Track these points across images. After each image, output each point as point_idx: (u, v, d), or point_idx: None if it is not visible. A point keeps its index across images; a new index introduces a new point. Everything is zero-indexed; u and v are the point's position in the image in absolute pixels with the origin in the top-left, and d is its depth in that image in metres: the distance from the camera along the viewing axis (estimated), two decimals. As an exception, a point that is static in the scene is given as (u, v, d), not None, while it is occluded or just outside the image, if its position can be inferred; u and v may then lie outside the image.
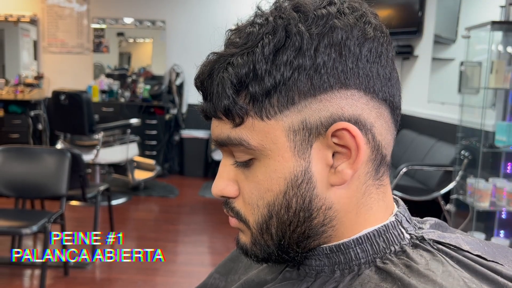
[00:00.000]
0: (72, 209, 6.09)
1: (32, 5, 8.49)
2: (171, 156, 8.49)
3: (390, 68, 0.71)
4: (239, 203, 0.75)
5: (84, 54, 8.67)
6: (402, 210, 0.76)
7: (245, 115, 0.68)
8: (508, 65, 4.30)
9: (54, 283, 4.09)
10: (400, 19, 6.68)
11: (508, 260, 0.71)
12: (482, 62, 4.66)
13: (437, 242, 0.71)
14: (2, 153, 4.14)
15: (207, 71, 0.70)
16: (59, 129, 6.74)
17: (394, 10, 6.83)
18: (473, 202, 4.11)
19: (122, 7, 8.55)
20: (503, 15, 4.52)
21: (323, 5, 0.68)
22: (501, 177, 4.25)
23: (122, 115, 7.99)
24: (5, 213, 4.10)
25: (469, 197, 4.22)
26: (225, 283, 1.01)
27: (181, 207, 6.72)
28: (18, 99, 8.27)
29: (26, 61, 8.86)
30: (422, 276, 0.63)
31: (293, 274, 0.78)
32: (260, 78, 0.65)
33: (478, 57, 4.82)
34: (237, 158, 0.73)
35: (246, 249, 0.78)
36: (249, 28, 0.69)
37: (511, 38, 4.43)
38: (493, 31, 4.23)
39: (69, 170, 4.10)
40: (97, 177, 6.69)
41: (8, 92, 8.35)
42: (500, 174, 4.29)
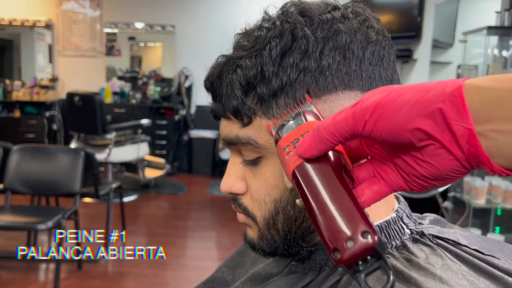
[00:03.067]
0: (86, 206, 6.10)
1: (47, 11, 8.51)
2: (180, 155, 8.49)
3: (391, 70, 0.71)
4: (246, 200, 0.76)
5: (97, 57, 8.68)
6: (403, 207, 0.76)
7: (253, 115, 0.68)
8: (503, 68, 4.29)
9: (68, 277, 4.10)
10: (400, 24, 6.66)
11: (504, 254, 0.71)
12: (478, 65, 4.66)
13: (437, 237, 0.72)
14: (19, 152, 4.15)
15: (216, 72, 0.70)
16: (73, 129, 6.75)
17: (394, 15, 6.82)
18: (469, 199, 4.10)
19: (134, 13, 8.55)
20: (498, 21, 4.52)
21: (328, 10, 0.69)
22: (496, 176, 4.23)
23: (133, 115, 7.99)
24: (21, 209, 4.10)
25: (465, 195, 4.21)
26: (233, 276, 1.01)
27: (190, 204, 6.72)
28: (34, 100, 8.30)
29: (41, 64, 8.88)
30: (422, 270, 0.64)
31: (299, 267, 0.79)
32: (268, 80, 0.66)
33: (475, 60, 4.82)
34: (245, 156, 0.73)
35: (253, 243, 0.78)
36: (257, 32, 0.69)
37: (506, 43, 4.43)
38: (489, 36, 4.22)
39: (82, 169, 4.10)
40: (109, 175, 6.68)
41: (24, 93, 8.38)
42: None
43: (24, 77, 8.80)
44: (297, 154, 0.54)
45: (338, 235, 0.48)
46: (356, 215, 0.48)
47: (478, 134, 0.43)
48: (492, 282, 0.64)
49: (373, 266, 0.47)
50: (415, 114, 0.46)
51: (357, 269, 0.47)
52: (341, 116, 0.50)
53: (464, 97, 0.43)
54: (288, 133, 0.58)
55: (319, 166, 0.53)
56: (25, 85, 8.61)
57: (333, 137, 0.51)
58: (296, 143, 0.55)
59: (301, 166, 0.54)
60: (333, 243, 0.48)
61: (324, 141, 0.51)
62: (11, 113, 8.23)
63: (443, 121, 0.45)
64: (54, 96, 8.41)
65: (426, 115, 0.45)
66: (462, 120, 0.44)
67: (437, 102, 0.45)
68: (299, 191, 0.54)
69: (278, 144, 0.58)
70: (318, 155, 0.53)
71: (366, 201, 0.55)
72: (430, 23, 6.36)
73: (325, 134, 0.51)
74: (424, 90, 0.46)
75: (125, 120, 7.50)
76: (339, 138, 0.51)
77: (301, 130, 0.57)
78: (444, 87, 0.45)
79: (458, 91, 0.44)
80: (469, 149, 0.44)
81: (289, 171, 0.55)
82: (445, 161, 0.47)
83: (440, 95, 0.45)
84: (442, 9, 6.25)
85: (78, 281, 4.06)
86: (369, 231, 0.47)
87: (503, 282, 0.64)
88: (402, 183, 0.53)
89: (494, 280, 0.65)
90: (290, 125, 0.58)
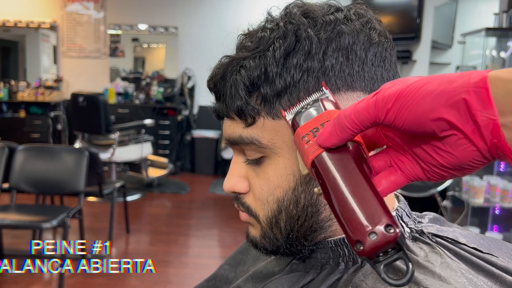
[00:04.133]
0: (90, 204, 6.10)
1: (52, 12, 8.51)
2: (183, 155, 8.48)
3: (393, 71, 0.71)
4: (249, 199, 0.76)
5: (101, 58, 8.68)
6: (403, 205, 0.76)
7: (257, 115, 0.68)
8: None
9: (72, 274, 4.09)
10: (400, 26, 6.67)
11: (503, 253, 0.71)
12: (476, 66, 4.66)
13: (436, 236, 0.72)
14: (24, 152, 4.15)
15: (220, 73, 0.70)
16: (77, 129, 6.75)
17: (394, 17, 6.82)
18: (468, 198, 4.10)
19: (137, 14, 8.55)
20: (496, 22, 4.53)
21: (331, 12, 0.68)
22: (494, 175, 4.24)
23: (136, 116, 7.99)
24: (26, 208, 4.10)
25: (464, 194, 4.21)
26: (235, 274, 1.01)
27: (193, 202, 6.72)
28: (38, 101, 8.30)
29: (46, 65, 8.87)
30: (422, 268, 0.64)
31: (300, 266, 0.79)
32: (271, 80, 0.66)
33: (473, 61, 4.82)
34: (248, 156, 0.73)
35: (255, 242, 0.78)
36: (261, 33, 0.69)
37: (504, 44, 4.43)
38: (487, 37, 4.22)
39: (86, 168, 4.10)
40: (113, 175, 6.68)
41: (29, 94, 8.38)
42: (494, 172, 4.27)
43: (29, 78, 8.80)
44: (317, 143, 0.54)
45: (361, 227, 0.48)
46: (378, 208, 0.49)
47: (502, 126, 0.44)
48: (491, 279, 0.64)
49: (393, 257, 0.48)
50: (439, 104, 0.46)
51: (377, 260, 0.48)
52: (362, 105, 0.51)
53: (489, 88, 0.44)
54: (307, 121, 0.57)
55: (339, 156, 0.53)
56: (30, 86, 8.61)
57: (354, 125, 0.51)
58: (316, 132, 0.55)
59: (321, 156, 0.53)
60: (356, 235, 0.48)
61: (345, 129, 0.51)
62: (16, 114, 8.23)
63: (467, 112, 0.45)
64: (58, 97, 8.41)
65: (450, 105, 0.45)
66: (487, 111, 0.44)
67: (461, 92, 0.45)
68: (319, 181, 0.54)
69: (297, 132, 0.57)
70: (339, 144, 0.52)
71: (383, 191, 0.55)
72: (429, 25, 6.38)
73: (346, 122, 0.51)
74: (448, 81, 0.46)
75: (129, 120, 7.49)
76: (360, 126, 0.51)
77: (321, 119, 0.56)
78: (468, 78, 0.45)
79: (483, 82, 0.44)
80: (492, 140, 0.44)
81: (308, 161, 0.55)
82: (467, 152, 0.47)
83: (465, 86, 0.45)
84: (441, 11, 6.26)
85: (82, 279, 4.06)
86: (392, 225, 0.47)
87: (501, 280, 0.64)
88: (419, 173, 0.54)
89: (493, 277, 0.65)
90: (309, 113, 0.58)
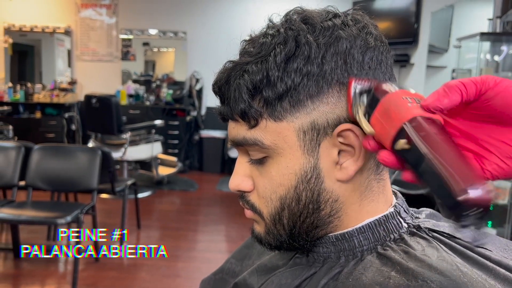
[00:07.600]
0: (102, 201, 6.11)
1: (66, 18, 8.53)
2: (191, 154, 8.49)
3: (389, 74, 0.71)
4: (253, 197, 0.76)
5: (113, 62, 8.70)
6: (400, 202, 0.76)
7: (260, 117, 0.68)
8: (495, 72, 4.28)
9: (86, 268, 4.11)
10: (398, 30, 6.66)
11: (496, 247, 0.72)
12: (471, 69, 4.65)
13: (432, 230, 0.72)
14: (39, 151, 4.17)
15: (224, 77, 0.70)
16: (91, 129, 6.76)
17: (392, 22, 6.81)
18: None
19: (148, 20, 8.56)
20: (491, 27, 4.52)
21: (329, 18, 0.69)
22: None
23: (147, 116, 8.00)
24: (42, 205, 4.11)
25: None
26: (241, 267, 1.01)
27: (201, 200, 6.73)
28: (53, 102, 8.33)
29: (61, 68, 8.89)
30: (419, 261, 0.64)
31: (303, 260, 0.79)
32: (273, 84, 0.66)
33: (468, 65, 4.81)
34: (252, 156, 0.73)
35: (260, 238, 0.78)
36: (262, 39, 0.69)
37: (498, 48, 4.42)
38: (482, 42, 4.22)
39: (99, 166, 4.12)
40: (125, 173, 6.69)
41: (45, 96, 8.42)
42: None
43: (44, 81, 8.83)
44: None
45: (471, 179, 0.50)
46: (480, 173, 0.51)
47: None
48: (485, 272, 0.64)
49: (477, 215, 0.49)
50: None
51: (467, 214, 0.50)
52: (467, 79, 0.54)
53: None
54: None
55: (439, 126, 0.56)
56: (46, 88, 8.64)
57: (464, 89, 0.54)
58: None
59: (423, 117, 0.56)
60: (466, 184, 0.49)
61: (456, 91, 0.55)
62: (32, 114, 8.25)
63: None
64: (72, 98, 8.44)
65: None
66: None
67: None
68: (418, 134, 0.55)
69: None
70: (447, 106, 0.55)
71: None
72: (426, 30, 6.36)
73: (456, 87, 0.55)
74: None
75: (140, 120, 7.52)
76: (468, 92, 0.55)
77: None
78: None
79: None
80: None
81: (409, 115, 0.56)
82: None
83: None
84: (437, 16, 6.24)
85: (95, 272, 4.07)
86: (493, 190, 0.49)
87: (495, 272, 0.65)
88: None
89: (487, 270, 0.65)
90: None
